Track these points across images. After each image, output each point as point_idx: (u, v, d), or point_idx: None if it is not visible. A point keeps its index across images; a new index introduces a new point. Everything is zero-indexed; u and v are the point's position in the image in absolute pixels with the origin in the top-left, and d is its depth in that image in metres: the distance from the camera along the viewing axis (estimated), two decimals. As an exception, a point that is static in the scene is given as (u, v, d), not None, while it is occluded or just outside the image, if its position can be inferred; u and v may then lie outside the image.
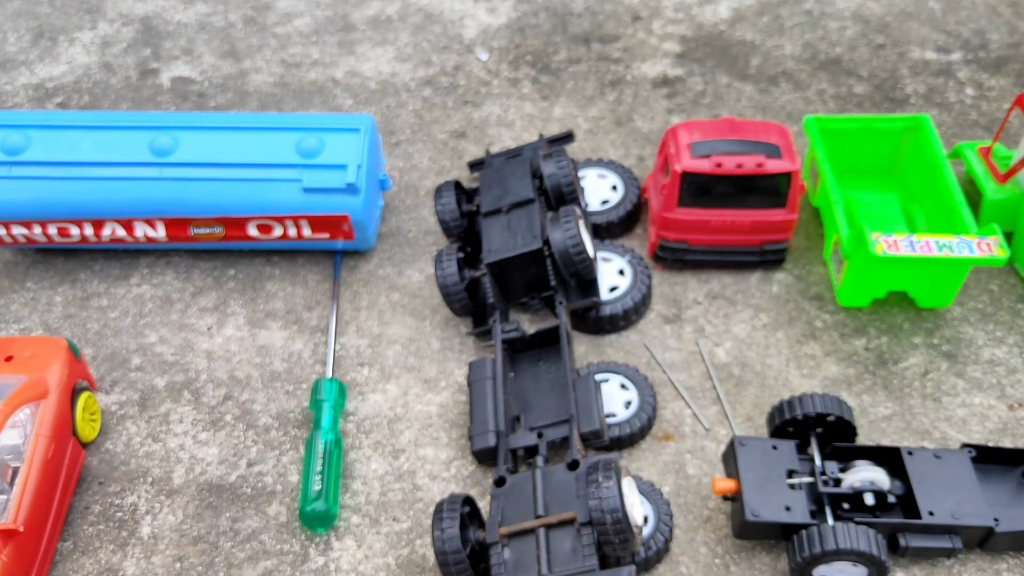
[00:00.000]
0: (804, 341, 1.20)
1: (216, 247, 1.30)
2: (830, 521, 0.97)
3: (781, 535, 0.98)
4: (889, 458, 1.02)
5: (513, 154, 1.35)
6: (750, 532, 0.98)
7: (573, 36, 1.67)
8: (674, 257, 1.26)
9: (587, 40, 1.66)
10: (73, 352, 1.11)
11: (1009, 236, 1.26)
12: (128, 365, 1.21)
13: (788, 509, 0.96)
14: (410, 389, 1.17)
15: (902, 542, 0.96)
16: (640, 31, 1.67)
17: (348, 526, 1.05)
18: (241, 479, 1.09)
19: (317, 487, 1.03)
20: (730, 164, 1.17)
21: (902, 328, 1.22)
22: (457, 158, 1.46)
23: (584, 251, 1.13)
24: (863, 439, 1.10)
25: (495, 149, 1.46)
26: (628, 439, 1.09)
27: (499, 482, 0.99)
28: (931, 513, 0.96)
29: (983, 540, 0.98)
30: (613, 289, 1.21)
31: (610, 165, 1.35)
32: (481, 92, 1.57)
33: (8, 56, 1.68)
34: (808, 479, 0.99)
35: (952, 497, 0.97)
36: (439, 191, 1.29)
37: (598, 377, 1.12)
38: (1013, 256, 1.27)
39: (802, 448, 1.03)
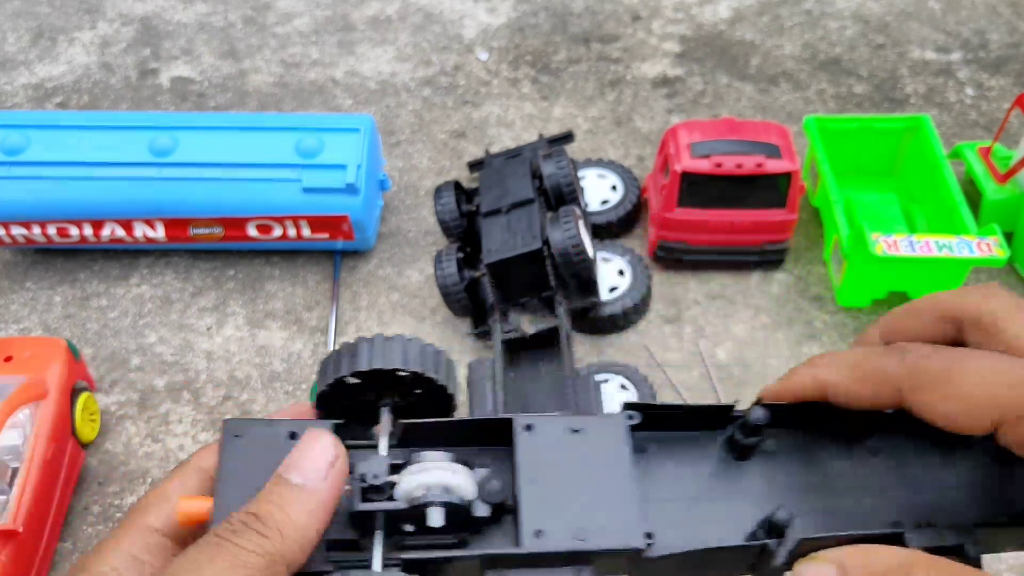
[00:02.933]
0: (804, 341, 1.20)
1: (216, 247, 1.30)
2: (376, 564, 0.47)
3: None
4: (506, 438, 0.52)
5: (513, 154, 1.35)
6: None
7: (573, 36, 1.67)
8: (674, 257, 1.26)
9: (587, 40, 1.66)
10: (72, 352, 1.11)
11: (1009, 236, 1.25)
12: (128, 365, 1.21)
13: None
14: (410, 389, 1.17)
15: None
16: (640, 31, 1.67)
17: (348, 526, 1.05)
18: (241, 479, 1.09)
19: (317, 487, 1.02)
20: (730, 164, 1.17)
21: (902, 328, 1.21)
22: (457, 158, 1.46)
23: (584, 251, 1.12)
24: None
25: (495, 149, 1.46)
26: (628, 439, 1.09)
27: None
28: (538, 534, 0.47)
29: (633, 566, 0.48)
30: (613, 289, 1.21)
31: (610, 165, 1.35)
32: (481, 92, 1.56)
33: (8, 56, 1.68)
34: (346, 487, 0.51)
35: (585, 502, 0.50)
36: (439, 191, 1.29)
37: (598, 377, 1.12)
38: (1013, 256, 1.27)
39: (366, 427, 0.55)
